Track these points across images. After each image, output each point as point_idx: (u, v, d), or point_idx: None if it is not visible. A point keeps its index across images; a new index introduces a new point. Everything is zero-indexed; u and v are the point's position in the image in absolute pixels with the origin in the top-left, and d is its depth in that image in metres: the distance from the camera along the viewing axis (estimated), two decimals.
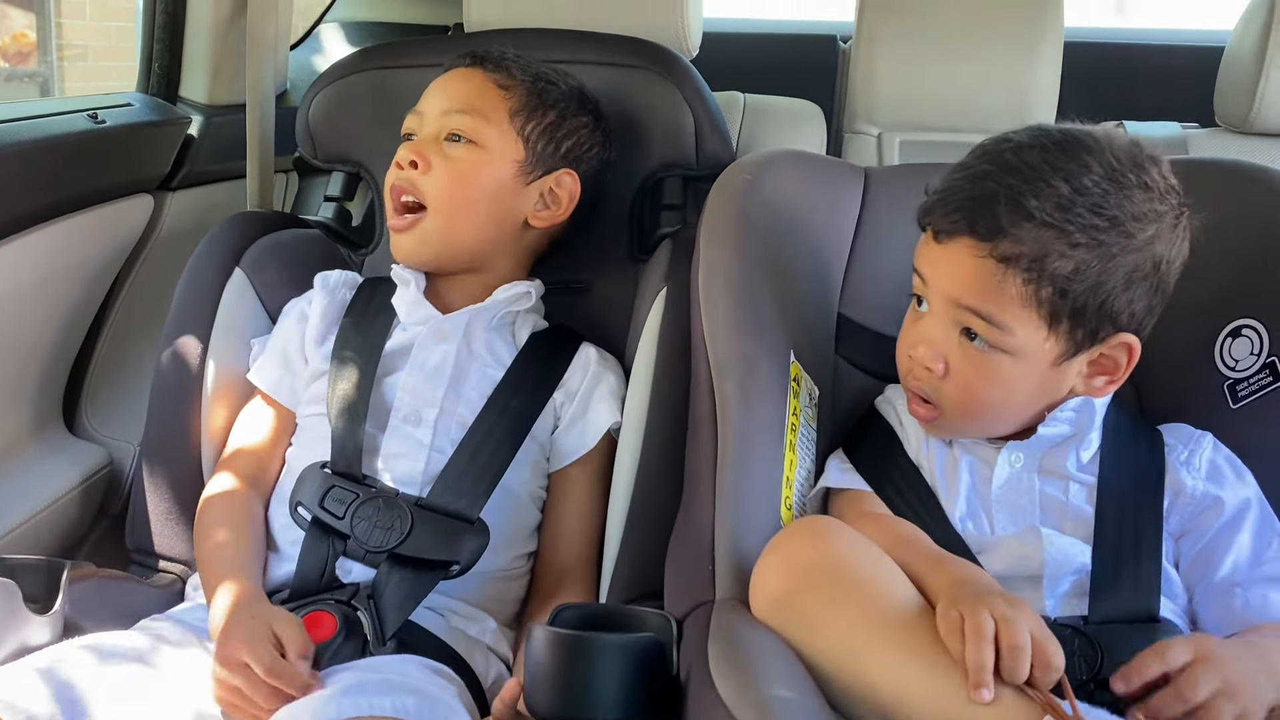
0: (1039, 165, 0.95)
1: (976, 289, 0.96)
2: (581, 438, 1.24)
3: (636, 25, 1.52)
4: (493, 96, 1.28)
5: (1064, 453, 1.04)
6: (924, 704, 0.81)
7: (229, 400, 1.29)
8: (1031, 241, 0.93)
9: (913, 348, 1.02)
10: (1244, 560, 0.98)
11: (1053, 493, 1.03)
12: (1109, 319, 0.96)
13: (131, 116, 1.58)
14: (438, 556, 1.11)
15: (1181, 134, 1.63)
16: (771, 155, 1.28)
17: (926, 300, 1.02)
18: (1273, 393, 1.11)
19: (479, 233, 1.27)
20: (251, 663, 0.95)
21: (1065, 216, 0.92)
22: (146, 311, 1.61)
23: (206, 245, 1.36)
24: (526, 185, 1.29)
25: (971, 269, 0.96)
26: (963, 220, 0.96)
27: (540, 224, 1.31)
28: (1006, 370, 0.98)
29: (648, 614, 0.95)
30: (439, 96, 1.29)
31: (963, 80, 1.67)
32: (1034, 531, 0.99)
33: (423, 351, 1.22)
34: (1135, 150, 0.97)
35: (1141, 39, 2.38)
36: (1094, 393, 1.02)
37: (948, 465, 1.06)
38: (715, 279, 1.14)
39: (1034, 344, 0.97)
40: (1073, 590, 0.98)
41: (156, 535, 1.27)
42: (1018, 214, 0.93)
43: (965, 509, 1.04)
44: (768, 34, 2.49)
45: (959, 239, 0.97)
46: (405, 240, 1.27)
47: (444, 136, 1.26)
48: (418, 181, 1.25)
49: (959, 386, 1.00)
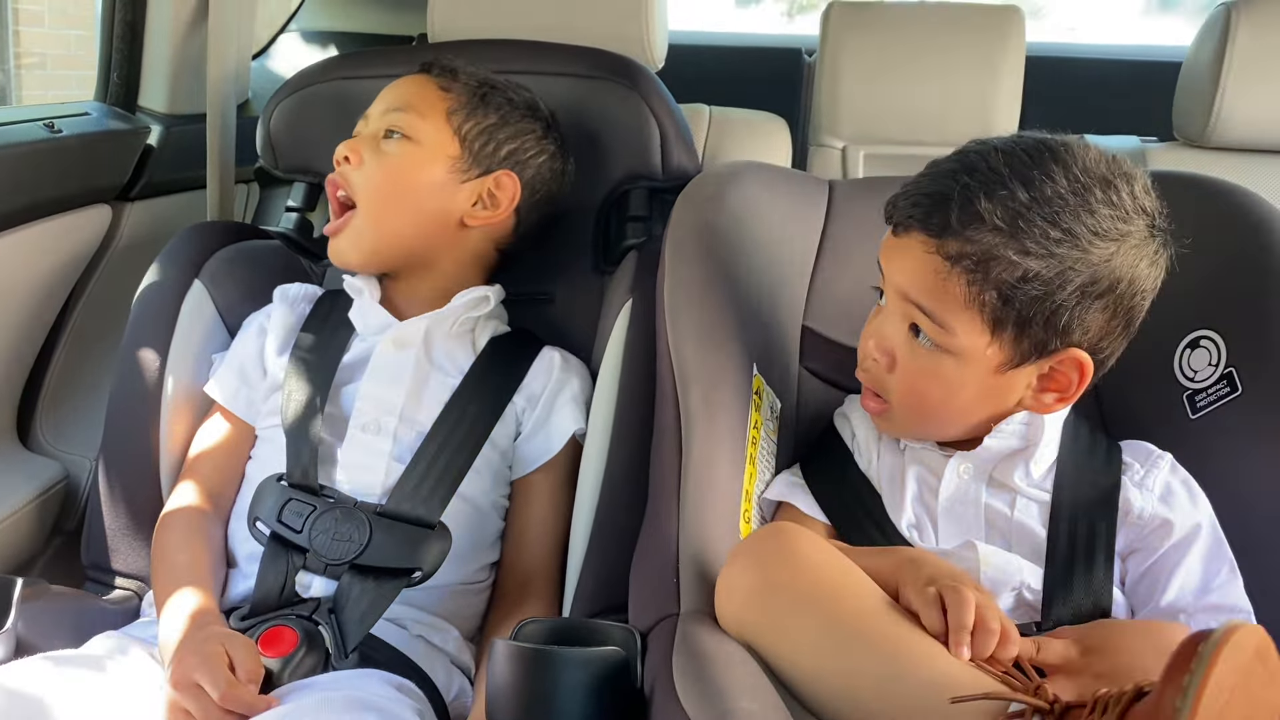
0: (1000, 169, 0.94)
1: (923, 285, 0.96)
2: (546, 444, 1.24)
3: (601, 37, 1.52)
4: (431, 95, 1.28)
5: (1013, 465, 1.03)
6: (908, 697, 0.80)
7: (188, 414, 1.27)
8: (979, 243, 0.92)
9: (866, 340, 1.02)
10: (1191, 587, 0.96)
11: (999, 506, 1.02)
12: (1057, 333, 0.94)
13: (89, 126, 1.56)
14: (399, 564, 1.09)
15: (1140, 147, 1.65)
16: (736, 167, 1.28)
17: (885, 293, 1.02)
18: (1230, 403, 1.12)
19: (410, 229, 1.27)
20: (206, 685, 0.93)
21: (1019, 221, 0.91)
22: (104, 324, 1.58)
23: (165, 256, 1.34)
24: (461, 183, 1.28)
25: (920, 264, 0.95)
26: (917, 214, 0.96)
27: (476, 223, 1.29)
28: (948, 370, 0.97)
29: (612, 628, 0.94)
30: (382, 99, 1.30)
31: (926, 94, 1.69)
32: (970, 546, 0.98)
33: (382, 359, 1.21)
34: (1108, 167, 0.95)
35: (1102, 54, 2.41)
36: (1044, 409, 1.00)
37: (895, 474, 1.06)
38: (680, 291, 1.14)
39: (976, 348, 0.96)
40: (1015, 604, 0.97)
41: (113, 551, 1.25)
42: (968, 215, 0.92)
43: (912, 518, 1.03)
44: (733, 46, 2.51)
45: (913, 233, 0.96)
46: (339, 242, 1.27)
47: (381, 134, 1.26)
48: (350, 176, 1.25)
49: (903, 382, 1.00)
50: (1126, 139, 1.69)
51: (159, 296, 1.31)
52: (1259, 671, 0.68)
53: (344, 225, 1.25)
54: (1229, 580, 0.97)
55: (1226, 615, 0.95)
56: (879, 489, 1.06)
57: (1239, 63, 1.51)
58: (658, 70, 1.56)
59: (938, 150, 1.67)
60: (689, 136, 1.46)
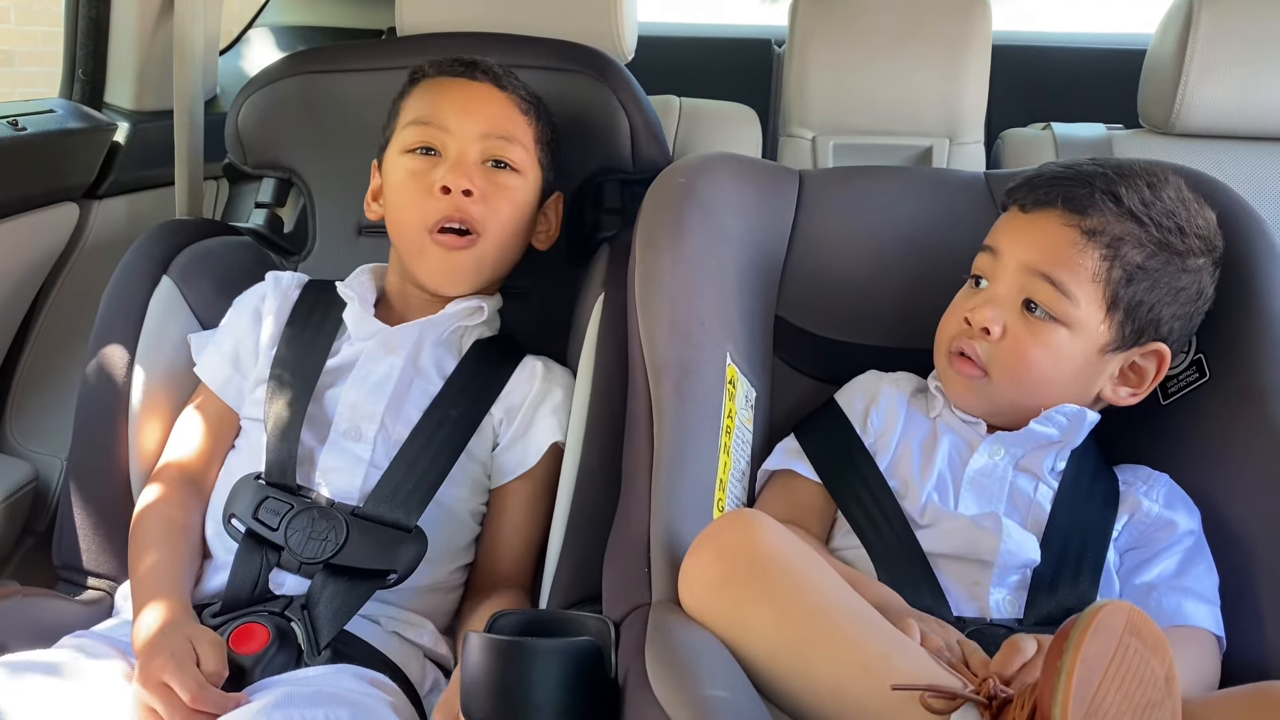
0: (1129, 168, 1.08)
1: (1056, 255, 1.04)
2: (523, 455, 1.23)
3: (570, 29, 1.52)
4: (522, 124, 1.28)
5: (1044, 456, 1.08)
6: (861, 694, 0.81)
7: (159, 412, 1.26)
8: (1115, 224, 1.04)
9: (972, 311, 1.08)
10: (1168, 572, 1.03)
11: (1023, 486, 1.07)
12: (1153, 324, 1.06)
13: (55, 123, 1.54)
14: (374, 566, 1.09)
15: (1106, 135, 1.67)
16: (706, 158, 1.29)
17: (990, 276, 1.09)
18: (1199, 388, 1.14)
19: (514, 258, 1.30)
20: (175, 685, 0.93)
21: (1147, 212, 1.04)
22: (73, 322, 1.57)
23: (133, 254, 1.33)
24: (540, 209, 1.32)
25: (1056, 237, 1.05)
26: (1057, 192, 1.06)
27: (541, 245, 1.34)
28: (1061, 340, 1.05)
29: (585, 618, 0.94)
30: (472, 117, 1.25)
31: (895, 84, 1.69)
32: (994, 519, 1.03)
33: (369, 363, 1.20)
34: (1196, 196, 1.09)
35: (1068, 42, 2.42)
36: (1118, 401, 1.10)
37: (927, 441, 1.11)
38: (651, 283, 1.14)
39: (1091, 321, 1.05)
40: (1019, 585, 1.01)
41: (84, 552, 1.24)
42: (1109, 197, 1.05)
43: (935, 482, 1.07)
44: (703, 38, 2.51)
45: (1049, 210, 1.07)
46: (459, 261, 1.23)
47: (484, 161, 1.25)
48: (471, 210, 1.22)
49: (1013, 348, 1.06)
50: (1093, 126, 1.70)
51: (127, 294, 1.30)
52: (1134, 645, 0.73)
53: (466, 247, 1.23)
54: (1204, 574, 1.03)
55: (1194, 599, 1.00)
56: (898, 455, 1.11)
57: (1202, 50, 1.53)
58: (628, 62, 1.56)
59: (906, 140, 1.71)
60: (659, 128, 1.46)
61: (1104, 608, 0.73)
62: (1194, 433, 1.13)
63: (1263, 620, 1.00)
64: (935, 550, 1.03)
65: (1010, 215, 1.12)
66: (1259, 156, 1.57)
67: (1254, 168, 1.56)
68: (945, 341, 1.12)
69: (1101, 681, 0.71)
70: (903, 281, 1.26)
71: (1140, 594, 1.01)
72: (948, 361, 1.11)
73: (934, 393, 1.15)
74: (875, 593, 0.93)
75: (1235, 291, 1.14)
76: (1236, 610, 1.01)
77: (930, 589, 0.99)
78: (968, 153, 1.71)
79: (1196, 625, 0.99)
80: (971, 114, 1.69)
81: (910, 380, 1.19)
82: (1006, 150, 1.67)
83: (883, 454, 1.12)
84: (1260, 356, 1.11)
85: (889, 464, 1.11)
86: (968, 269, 1.17)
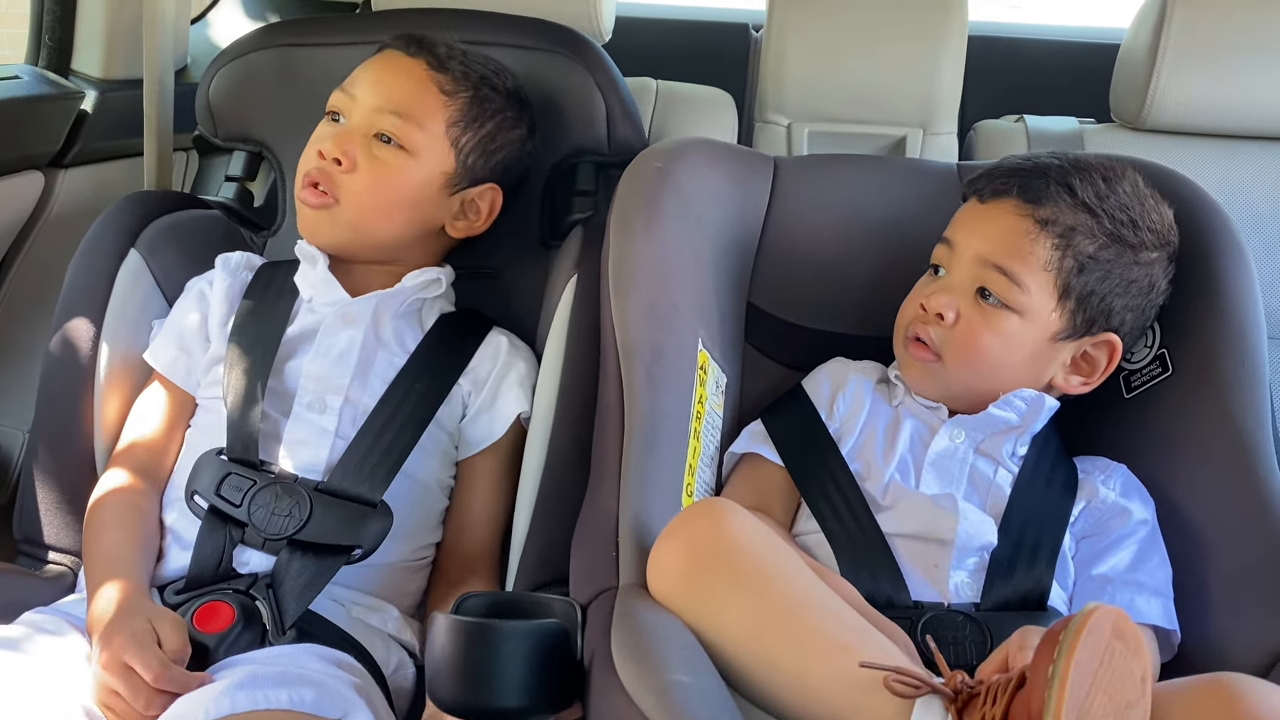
0: (1086, 161, 1.11)
1: (1008, 245, 1.07)
2: (490, 426, 1.23)
3: (548, 8, 1.50)
4: (433, 102, 1.23)
5: (1003, 441, 1.10)
6: (823, 682, 0.83)
7: (123, 386, 1.25)
8: (1068, 214, 1.07)
9: (927, 298, 1.10)
10: (1123, 565, 1.05)
11: (983, 470, 1.09)
12: (1105, 314, 1.08)
13: (20, 90, 1.52)
14: (339, 541, 1.09)
15: (1078, 129, 1.67)
16: (682, 143, 1.28)
17: (947, 266, 1.11)
18: (1161, 382, 1.16)
19: (390, 235, 1.25)
20: (137, 666, 0.92)
21: (1101, 205, 1.07)
22: (37, 293, 1.55)
23: (100, 225, 1.31)
24: (449, 196, 1.26)
25: (1009, 226, 1.08)
26: (1014, 183, 1.09)
27: (457, 235, 1.29)
28: (1012, 328, 1.07)
29: (552, 600, 0.95)
30: (375, 87, 1.23)
31: (870, 72, 1.69)
32: (951, 500, 1.05)
33: (329, 336, 1.20)
34: (1153, 192, 1.12)
35: (1042, 34, 2.43)
36: (1069, 389, 1.12)
37: (890, 426, 1.13)
38: (624, 267, 1.14)
39: (1043, 310, 1.07)
40: (977, 568, 1.02)
41: (46, 526, 1.22)
42: (1063, 189, 1.07)
43: (897, 463, 1.09)
44: (681, 20, 2.49)
45: (1004, 200, 1.09)
46: (314, 217, 1.22)
47: (374, 134, 1.21)
48: (336, 178, 1.20)
49: (965, 334, 1.08)
50: (1065, 120, 1.71)
51: (93, 266, 1.28)
52: (1119, 648, 0.74)
53: (321, 206, 1.21)
54: (1157, 567, 1.05)
55: (1148, 593, 1.02)
56: (863, 440, 1.12)
57: (1174, 47, 1.54)
58: (605, 43, 1.55)
59: (881, 129, 1.71)
60: (635, 111, 1.46)
61: (1094, 613, 0.75)
62: (1153, 425, 1.14)
63: (1214, 611, 1.02)
64: (895, 531, 1.04)
65: (968, 206, 1.14)
66: (1228, 153, 1.59)
67: (1223, 164, 1.57)
68: (903, 327, 1.14)
69: (1091, 685, 0.72)
70: (874, 270, 1.27)
71: (1095, 586, 1.03)
72: (904, 346, 1.13)
73: (894, 381, 1.17)
74: (839, 589, 0.94)
75: (1198, 286, 1.16)
76: (1189, 601, 1.03)
77: (890, 573, 1.01)
78: (941, 143, 1.71)
79: (1146, 622, 1.01)
80: (946, 104, 1.69)
81: (876, 369, 1.20)
82: (979, 142, 1.68)
83: (847, 438, 1.13)
84: (1220, 351, 1.13)
85: (852, 448, 1.12)
86: None
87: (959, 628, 0.94)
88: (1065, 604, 1.02)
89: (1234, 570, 1.04)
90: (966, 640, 0.94)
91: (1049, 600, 1.00)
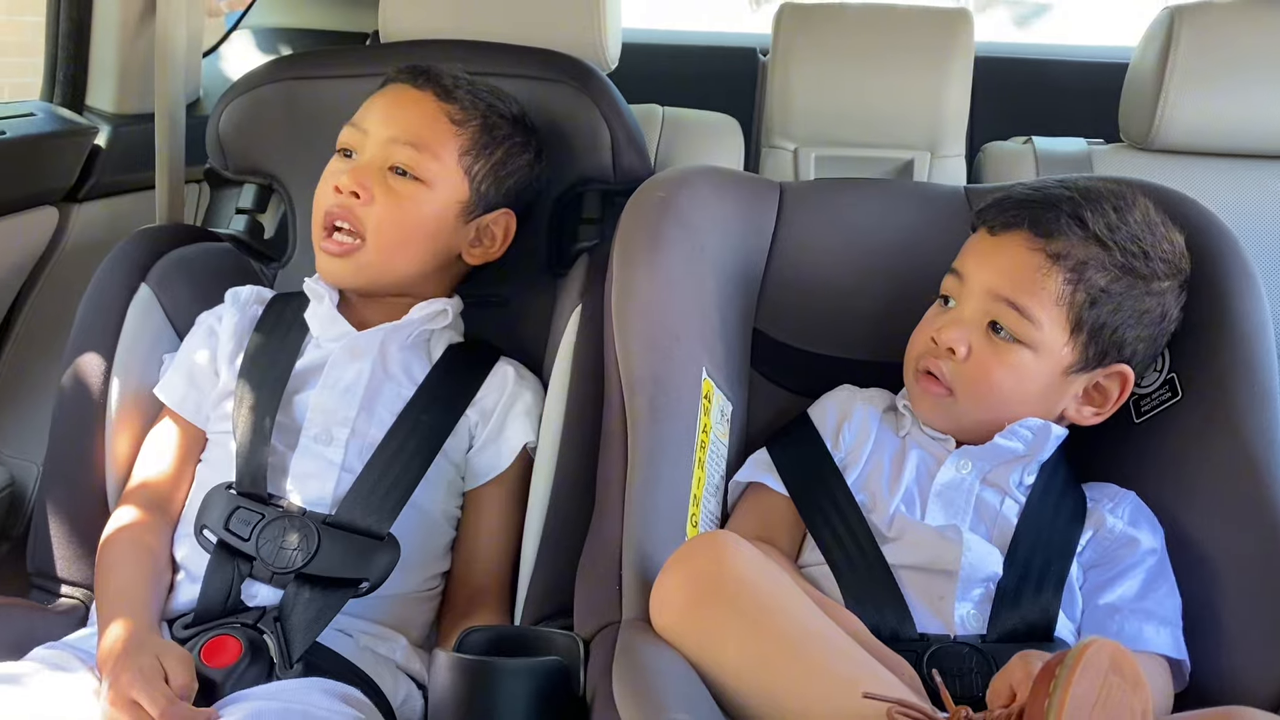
0: (1096, 190, 1.09)
1: (1019, 281, 1.06)
2: (496, 457, 1.23)
3: (554, 38, 1.51)
4: (444, 132, 1.25)
5: (1010, 470, 1.09)
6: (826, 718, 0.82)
7: (135, 420, 1.26)
8: (1080, 248, 1.05)
9: (938, 331, 1.09)
10: (1131, 594, 1.03)
11: (990, 500, 1.08)
12: (1117, 346, 1.07)
13: (35, 127, 1.54)
14: (346, 574, 1.09)
15: (1086, 150, 1.67)
16: (686, 172, 1.29)
17: (957, 298, 1.10)
18: (1171, 407, 1.15)
19: (414, 268, 1.26)
20: (145, 703, 0.93)
21: (1112, 236, 1.05)
22: (51, 327, 1.56)
23: (111, 260, 1.32)
24: (465, 224, 1.28)
25: (1020, 261, 1.06)
26: (1024, 216, 1.07)
27: (474, 261, 1.30)
28: (1025, 362, 1.06)
29: (555, 635, 0.95)
30: (386, 121, 1.24)
31: (877, 95, 1.70)
32: (956, 531, 1.03)
33: (336, 369, 1.20)
34: (1164, 219, 1.10)
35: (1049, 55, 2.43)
36: (1081, 420, 1.11)
37: (896, 457, 1.12)
38: (628, 297, 1.15)
39: (1055, 344, 1.06)
40: (983, 599, 1.01)
41: (59, 559, 1.23)
42: (1074, 221, 1.06)
43: (903, 495, 1.08)
44: (688, 45, 2.51)
45: (1015, 233, 1.08)
46: (337, 266, 1.23)
47: (388, 166, 1.23)
48: (357, 211, 1.21)
49: (977, 369, 1.07)
50: (1073, 140, 1.70)
51: (105, 301, 1.29)
52: (1116, 683, 0.74)
53: (348, 253, 1.22)
54: (1166, 596, 1.04)
55: (1156, 622, 1.01)
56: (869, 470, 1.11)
57: (1182, 66, 1.53)
58: (611, 71, 1.56)
59: (888, 152, 1.71)
60: (640, 139, 1.46)
61: (1090, 646, 0.74)
62: (1163, 452, 1.13)
63: (1225, 643, 1.01)
64: (900, 562, 1.04)
65: (978, 238, 1.13)
66: (1237, 173, 1.58)
67: (1232, 184, 1.56)
68: (913, 360, 1.13)
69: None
70: (882, 295, 1.27)
71: (1103, 616, 1.02)
72: (915, 379, 1.12)
73: (902, 411, 1.16)
74: (844, 623, 0.94)
75: (1207, 310, 1.15)
76: (1200, 632, 1.02)
77: (895, 606, 1.00)
78: (948, 166, 1.72)
79: (1155, 651, 1.00)
80: (953, 127, 1.69)
81: (883, 397, 1.19)
82: (987, 164, 1.67)
83: (852, 468, 1.12)
84: (1231, 376, 1.12)
85: (858, 478, 1.11)
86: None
87: (965, 660, 0.94)
88: (1073, 634, 1.01)
89: (1246, 598, 1.02)
90: (972, 673, 0.94)
91: (1056, 630, 0.99)
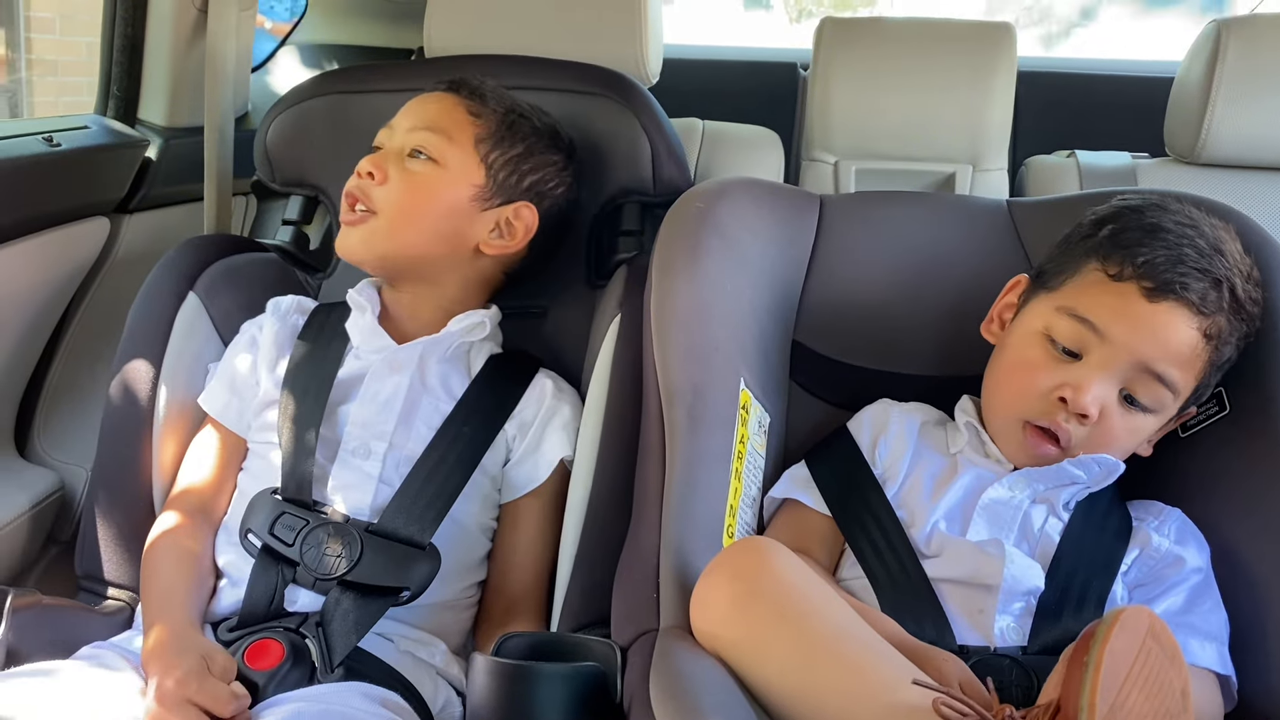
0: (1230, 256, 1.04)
1: (1179, 356, 1.02)
2: (534, 470, 1.24)
3: (597, 53, 1.53)
4: (461, 119, 1.29)
5: (1062, 492, 1.08)
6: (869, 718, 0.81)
7: (181, 427, 1.28)
8: (1225, 323, 1.03)
9: (1074, 392, 1.02)
10: (1175, 608, 1.02)
11: (1034, 517, 1.06)
12: (1198, 399, 1.08)
13: (89, 139, 1.57)
14: (388, 583, 1.10)
15: (1131, 164, 1.66)
16: (725, 183, 1.29)
17: (1085, 354, 1.04)
18: (1218, 421, 1.13)
19: (425, 245, 1.27)
20: (204, 702, 0.94)
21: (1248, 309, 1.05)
22: (102, 335, 1.59)
23: (160, 270, 1.35)
24: (482, 211, 1.29)
25: (1182, 337, 1.02)
26: (1190, 285, 1.01)
27: (492, 252, 1.30)
28: (1146, 425, 1.06)
29: (593, 642, 0.95)
30: (409, 114, 1.30)
31: (918, 109, 1.69)
32: (998, 545, 1.02)
33: (375, 382, 1.22)
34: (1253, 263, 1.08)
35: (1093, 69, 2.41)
36: (1144, 451, 1.10)
37: (942, 475, 1.10)
38: (667, 308, 1.15)
39: (1174, 407, 1.06)
40: (1023, 612, 1.00)
41: (106, 562, 1.25)
42: (1234, 299, 1.03)
43: (945, 511, 1.07)
44: (730, 60, 2.52)
45: (1174, 303, 1.01)
46: (351, 235, 1.27)
47: (407, 152, 1.27)
48: (371, 191, 1.26)
49: (1104, 435, 1.04)
50: (1118, 154, 1.69)
51: (153, 310, 1.32)
52: (1155, 650, 0.73)
53: (360, 222, 1.26)
54: (1211, 611, 1.02)
55: (1201, 637, 0.99)
56: (908, 485, 1.10)
57: (1229, 80, 1.52)
58: (653, 85, 1.57)
59: (929, 165, 1.71)
60: (680, 151, 1.47)
61: (1126, 610, 0.74)
62: (1209, 468, 1.12)
63: (1275, 659, 0.99)
64: (941, 576, 1.03)
65: (1129, 299, 1.03)
66: None
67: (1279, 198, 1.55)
68: (1019, 409, 1.07)
69: (1126, 678, 0.72)
70: (922, 308, 1.26)
71: None
72: (1019, 428, 1.07)
73: (962, 429, 1.13)
74: (882, 627, 0.93)
75: (1259, 329, 1.13)
76: (1247, 650, 1.00)
77: (934, 618, 0.99)
78: (991, 179, 1.71)
79: (1201, 665, 0.98)
80: (995, 140, 1.69)
81: (923, 410, 1.18)
82: (1030, 178, 1.67)
83: (891, 483, 1.11)
84: (1278, 388, 1.10)
85: (897, 493, 1.10)
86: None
87: (1004, 671, 0.92)
88: None
89: None
90: (1012, 684, 0.92)
91: None
